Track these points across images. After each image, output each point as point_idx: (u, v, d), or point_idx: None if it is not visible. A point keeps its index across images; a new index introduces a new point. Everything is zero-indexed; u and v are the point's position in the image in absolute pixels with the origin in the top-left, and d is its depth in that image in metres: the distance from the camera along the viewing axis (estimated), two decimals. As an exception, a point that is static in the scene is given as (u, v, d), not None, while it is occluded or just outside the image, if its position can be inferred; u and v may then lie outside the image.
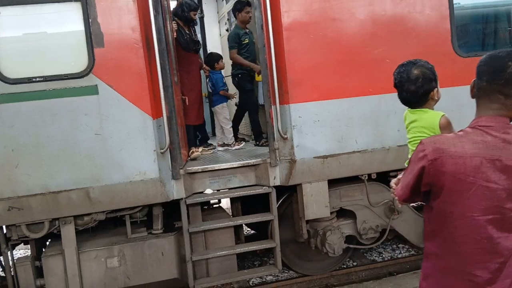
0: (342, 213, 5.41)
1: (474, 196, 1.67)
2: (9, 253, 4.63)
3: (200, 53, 6.80)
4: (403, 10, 4.87)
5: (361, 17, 4.77)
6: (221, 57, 6.60)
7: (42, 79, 4.17)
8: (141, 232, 4.86)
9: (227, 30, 7.75)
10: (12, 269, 4.62)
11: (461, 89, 4.63)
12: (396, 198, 1.98)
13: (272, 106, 4.73)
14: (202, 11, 8.21)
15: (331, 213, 5.19)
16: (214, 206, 5.77)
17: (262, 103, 5.29)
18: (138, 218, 4.81)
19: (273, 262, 5.31)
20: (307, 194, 4.87)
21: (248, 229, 7.24)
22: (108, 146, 4.31)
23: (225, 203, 6.95)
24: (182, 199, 4.69)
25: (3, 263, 4.73)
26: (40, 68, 4.20)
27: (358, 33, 4.78)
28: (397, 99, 2.72)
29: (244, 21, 6.28)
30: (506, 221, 1.67)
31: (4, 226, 4.54)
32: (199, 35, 7.17)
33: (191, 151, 5.54)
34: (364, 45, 4.79)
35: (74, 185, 4.28)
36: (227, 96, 6.50)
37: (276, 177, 4.85)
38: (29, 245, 4.96)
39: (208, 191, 4.86)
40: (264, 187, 4.89)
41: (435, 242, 1.82)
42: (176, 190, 4.65)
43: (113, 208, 4.50)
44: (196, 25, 6.45)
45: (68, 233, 4.49)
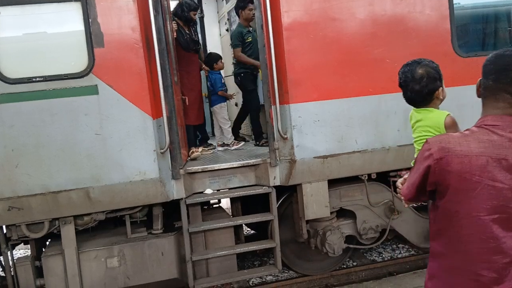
0: (342, 213, 5.41)
1: (480, 195, 1.66)
2: (9, 253, 4.63)
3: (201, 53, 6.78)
4: (403, 10, 4.87)
5: (361, 17, 4.78)
6: (220, 57, 6.59)
7: (42, 79, 4.17)
8: (141, 232, 4.86)
9: (227, 30, 7.73)
10: (12, 269, 4.61)
11: (461, 89, 4.64)
12: (402, 197, 1.98)
13: (272, 106, 4.73)
14: (202, 11, 8.19)
15: (331, 213, 5.19)
16: (214, 206, 5.77)
17: (262, 103, 5.29)
18: (138, 218, 4.81)
19: (273, 262, 5.31)
20: (307, 194, 4.87)
21: (248, 229, 7.24)
22: (108, 146, 4.31)
23: (225, 203, 6.95)
24: (182, 199, 4.68)
25: (3, 263, 4.72)
26: (40, 68, 4.19)
27: (358, 33, 4.78)
28: (397, 99, 2.73)
29: (247, 18, 6.21)
30: (511, 221, 1.66)
31: (4, 226, 4.53)
32: (199, 35, 7.15)
33: (191, 151, 5.53)
34: (364, 45, 4.79)
35: (74, 185, 4.28)
36: (225, 96, 6.50)
37: (276, 177, 4.85)
38: (29, 245, 4.96)
39: (208, 191, 4.86)
40: (264, 187, 4.89)
41: (440, 241, 1.81)
42: (176, 190, 4.65)
43: (113, 208, 4.50)
44: (196, 25, 6.44)
45: (68, 233, 4.49)
